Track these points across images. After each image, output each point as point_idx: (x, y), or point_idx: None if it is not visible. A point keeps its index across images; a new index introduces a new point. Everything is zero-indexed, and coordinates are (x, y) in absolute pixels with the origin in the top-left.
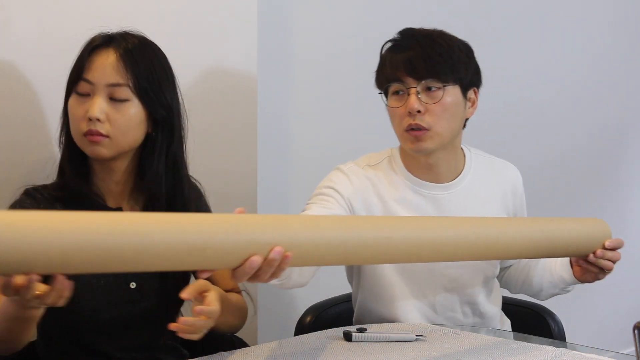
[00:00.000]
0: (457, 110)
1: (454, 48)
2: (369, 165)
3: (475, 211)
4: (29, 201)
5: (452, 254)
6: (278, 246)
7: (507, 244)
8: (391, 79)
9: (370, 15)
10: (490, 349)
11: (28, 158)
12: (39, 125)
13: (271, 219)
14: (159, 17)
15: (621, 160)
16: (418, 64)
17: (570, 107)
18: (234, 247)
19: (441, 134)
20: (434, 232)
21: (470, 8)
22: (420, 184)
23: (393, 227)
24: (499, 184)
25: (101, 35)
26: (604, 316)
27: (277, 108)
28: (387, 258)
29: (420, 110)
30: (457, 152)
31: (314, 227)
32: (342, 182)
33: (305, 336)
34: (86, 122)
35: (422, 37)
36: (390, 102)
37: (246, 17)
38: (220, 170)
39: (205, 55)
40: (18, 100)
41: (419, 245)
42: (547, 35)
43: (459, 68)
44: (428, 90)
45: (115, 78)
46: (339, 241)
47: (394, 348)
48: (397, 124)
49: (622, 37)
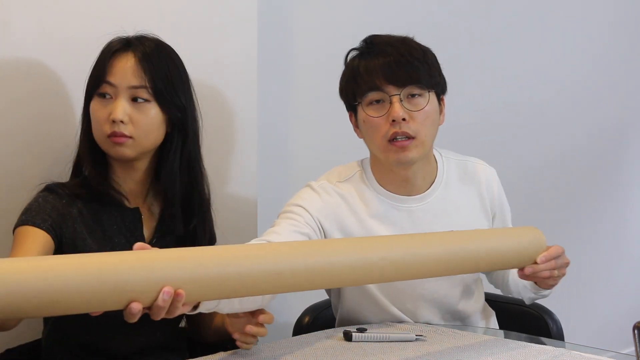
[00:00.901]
0: (436, 118)
1: (427, 53)
2: (340, 181)
3: (452, 219)
4: (51, 196)
5: (377, 276)
6: (167, 286)
7: (436, 262)
8: (369, 87)
9: (370, 15)
10: (490, 349)
11: (28, 158)
12: (40, 125)
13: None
14: (159, 17)
15: (621, 160)
16: (399, 70)
17: (570, 107)
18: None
19: (425, 142)
20: (348, 256)
21: (470, 8)
22: (394, 198)
23: (293, 256)
24: (473, 186)
25: (119, 39)
26: (604, 316)
27: (277, 108)
28: (304, 285)
29: (405, 118)
30: (431, 160)
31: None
32: (311, 200)
33: (305, 336)
34: (109, 124)
35: (395, 42)
36: (367, 112)
37: (246, 17)
38: (220, 171)
39: (205, 55)
40: (18, 100)
41: (330, 271)
42: (547, 36)
43: (435, 74)
44: (410, 97)
45: (136, 80)
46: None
47: (394, 348)
48: (376, 135)
49: (622, 37)
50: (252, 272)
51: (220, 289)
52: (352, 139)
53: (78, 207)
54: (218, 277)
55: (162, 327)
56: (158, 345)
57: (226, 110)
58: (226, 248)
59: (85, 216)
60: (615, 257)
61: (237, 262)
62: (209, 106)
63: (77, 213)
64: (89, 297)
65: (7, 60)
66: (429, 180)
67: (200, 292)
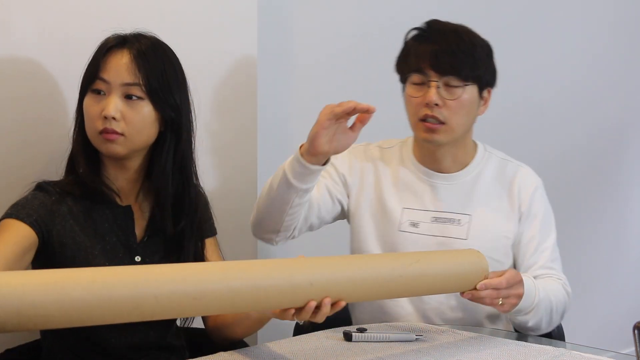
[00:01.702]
0: (472, 108)
1: (477, 47)
2: (381, 147)
3: (472, 206)
4: (41, 194)
5: (319, 293)
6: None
7: (371, 285)
8: (414, 69)
9: (370, 15)
10: (490, 349)
11: (26, 156)
12: (39, 125)
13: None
14: (159, 17)
15: (621, 160)
16: (443, 59)
17: (570, 107)
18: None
19: (454, 129)
20: (300, 275)
21: (470, 8)
22: (422, 170)
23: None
24: (505, 185)
25: (115, 36)
26: (604, 316)
27: (277, 108)
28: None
29: (439, 103)
30: (466, 147)
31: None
32: (342, 158)
33: (305, 336)
34: (102, 120)
35: (449, 32)
36: (408, 91)
37: (246, 16)
38: (221, 170)
39: (205, 55)
40: (17, 99)
41: (282, 291)
42: (547, 35)
43: (480, 68)
44: (448, 86)
45: (129, 77)
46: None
47: (394, 348)
48: (412, 112)
49: (622, 37)
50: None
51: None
52: None
53: (68, 205)
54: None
55: (154, 326)
56: (155, 344)
57: (226, 110)
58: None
59: (76, 214)
60: (615, 257)
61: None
62: (209, 106)
63: (66, 210)
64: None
65: (6, 60)
66: (460, 164)
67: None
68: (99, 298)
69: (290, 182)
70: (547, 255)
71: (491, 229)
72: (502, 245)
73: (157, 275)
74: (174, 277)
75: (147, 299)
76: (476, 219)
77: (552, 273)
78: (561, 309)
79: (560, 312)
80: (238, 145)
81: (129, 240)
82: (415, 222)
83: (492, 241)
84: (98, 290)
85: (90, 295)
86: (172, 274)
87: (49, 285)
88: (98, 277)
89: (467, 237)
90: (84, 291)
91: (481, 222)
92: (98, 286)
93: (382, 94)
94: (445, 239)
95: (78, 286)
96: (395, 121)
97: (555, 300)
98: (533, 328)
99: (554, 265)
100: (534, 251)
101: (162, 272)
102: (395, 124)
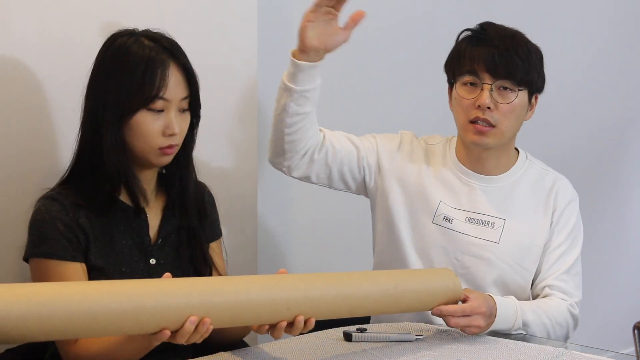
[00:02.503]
0: (522, 113)
1: (532, 52)
2: (427, 142)
3: (507, 211)
4: (55, 210)
5: (279, 315)
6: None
7: (340, 303)
8: (468, 70)
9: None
10: (490, 349)
11: (28, 159)
12: (38, 124)
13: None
14: (159, 17)
15: (621, 160)
16: (499, 63)
17: (570, 107)
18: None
19: (504, 133)
20: (278, 291)
21: (470, 8)
22: (463, 171)
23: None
24: (542, 194)
25: (158, 47)
26: (604, 316)
27: None
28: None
29: (491, 106)
30: (509, 152)
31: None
32: (389, 141)
33: (305, 336)
34: (163, 137)
35: (505, 36)
36: (459, 92)
37: (246, 16)
38: (221, 170)
39: (205, 55)
40: (17, 100)
41: (277, 305)
42: (547, 35)
43: (533, 74)
44: (501, 90)
45: (184, 92)
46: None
47: (394, 348)
48: (462, 113)
49: (622, 37)
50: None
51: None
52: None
53: (84, 215)
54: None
55: None
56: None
57: (226, 109)
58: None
59: (92, 220)
60: (615, 257)
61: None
62: (209, 106)
63: (84, 221)
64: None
65: (6, 60)
66: (502, 168)
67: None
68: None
69: (286, 85)
70: (566, 268)
71: (524, 236)
72: (533, 254)
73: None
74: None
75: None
76: (510, 224)
77: (565, 288)
78: (561, 332)
79: (561, 335)
80: (238, 145)
81: (143, 243)
82: (449, 217)
83: (523, 248)
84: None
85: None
86: (137, 289)
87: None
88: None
89: (499, 241)
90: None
91: (515, 228)
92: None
93: (382, 94)
94: (477, 240)
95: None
96: (396, 121)
97: (553, 322)
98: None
99: (568, 279)
100: (555, 260)
101: (131, 287)
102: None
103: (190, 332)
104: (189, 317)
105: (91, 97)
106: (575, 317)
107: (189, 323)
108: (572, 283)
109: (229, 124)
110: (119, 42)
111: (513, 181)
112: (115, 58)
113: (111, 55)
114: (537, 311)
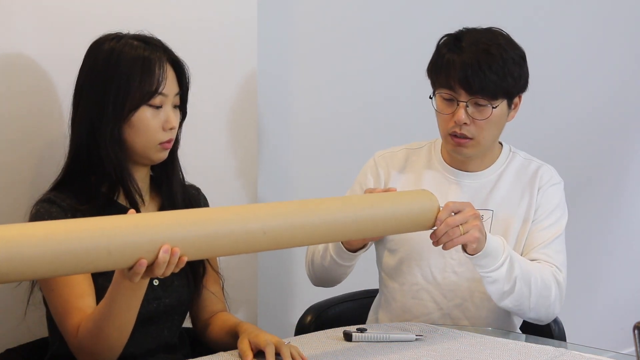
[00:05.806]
0: (501, 120)
1: (507, 62)
2: (410, 148)
3: (493, 201)
4: (54, 209)
5: (260, 245)
6: (166, 244)
7: (325, 229)
8: (444, 84)
9: (369, 15)
10: (490, 349)
11: (23, 153)
12: (37, 124)
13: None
14: (159, 17)
15: (622, 160)
16: (473, 80)
17: (570, 106)
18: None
19: (482, 143)
20: (252, 223)
21: (470, 8)
22: (449, 170)
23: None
24: (526, 178)
25: (149, 46)
26: (604, 316)
27: (278, 107)
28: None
29: (467, 122)
30: (493, 149)
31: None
32: (366, 174)
33: (305, 336)
34: (162, 132)
35: (479, 50)
36: (438, 105)
37: (246, 17)
38: (221, 170)
39: (205, 55)
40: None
41: (291, 234)
42: (547, 35)
43: (510, 83)
44: (477, 105)
45: (177, 87)
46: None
47: (394, 348)
48: (441, 124)
49: (622, 36)
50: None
51: (212, 247)
52: (352, 140)
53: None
54: (210, 235)
55: (169, 324)
56: (164, 345)
57: (226, 110)
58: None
59: None
60: (615, 257)
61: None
62: (209, 106)
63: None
64: (99, 256)
65: (6, 59)
66: (486, 164)
67: (194, 250)
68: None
69: (339, 263)
70: (547, 243)
71: (514, 225)
72: (524, 239)
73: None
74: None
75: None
76: (498, 214)
77: (547, 260)
78: (545, 291)
79: (546, 295)
80: (238, 146)
81: None
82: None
83: (514, 235)
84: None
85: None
86: (107, 224)
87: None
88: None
89: (490, 232)
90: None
91: (504, 217)
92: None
93: (382, 94)
94: None
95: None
96: (395, 120)
97: (538, 276)
98: (516, 304)
99: (552, 254)
100: (537, 235)
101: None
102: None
103: (165, 262)
104: (162, 246)
105: (84, 101)
106: (560, 285)
107: (163, 252)
108: (555, 258)
109: (228, 124)
110: (107, 46)
111: (498, 173)
112: (108, 61)
113: (103, 59)
114: (526, 260)
